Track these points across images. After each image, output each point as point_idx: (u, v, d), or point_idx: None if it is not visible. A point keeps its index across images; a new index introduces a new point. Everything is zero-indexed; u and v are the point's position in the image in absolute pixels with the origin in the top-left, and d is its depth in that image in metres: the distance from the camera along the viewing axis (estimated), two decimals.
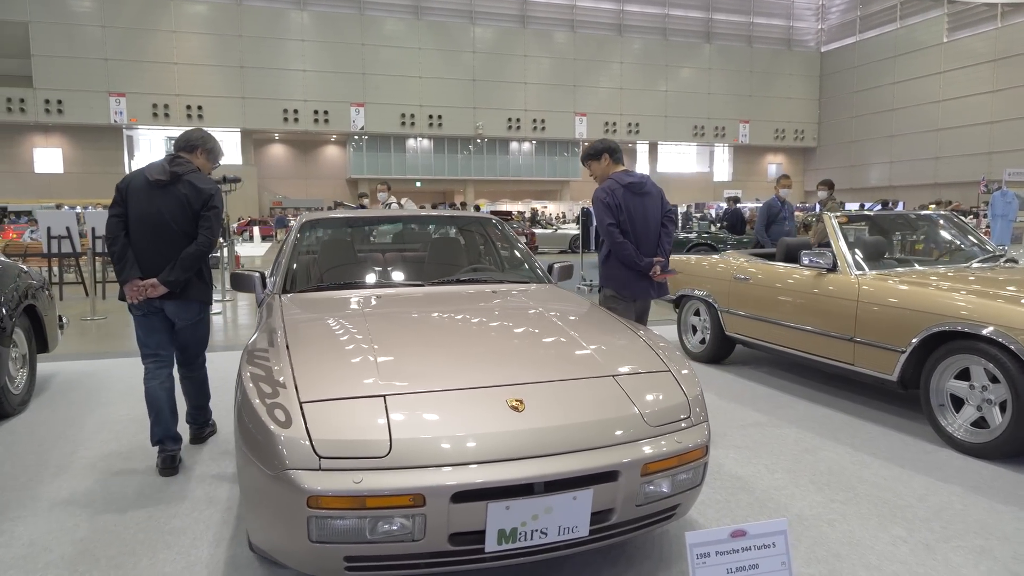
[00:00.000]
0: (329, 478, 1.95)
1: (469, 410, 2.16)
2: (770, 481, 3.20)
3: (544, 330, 2.79)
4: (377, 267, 3.79)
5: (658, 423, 2.27)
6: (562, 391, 2.31)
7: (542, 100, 36.18)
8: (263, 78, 33.19)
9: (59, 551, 2.58)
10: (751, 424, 4.05)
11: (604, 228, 4.11)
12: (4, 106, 30.76)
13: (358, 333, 2.65)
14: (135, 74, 31.72)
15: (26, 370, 4.53)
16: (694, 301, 5.69)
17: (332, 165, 38.18)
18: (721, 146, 41.52)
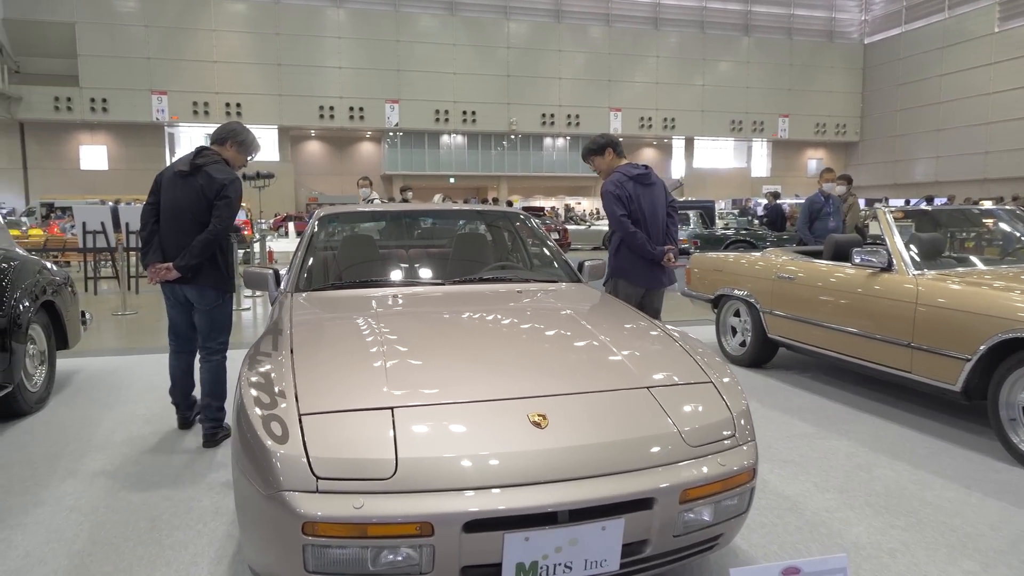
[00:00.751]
0: (327, 502, 1.74)
1: (486, 426, 1.94)
2: (821, 502, 2.91)
3: (572, 335, 2.55)
4: (396, 264, 3.58)
5: (699, 442, 2.02)
6: (590, 405, 2.07)
7: (576, 95, 35.76)
8: (300, 75, 33.43)
9: (54, 564, 2.43)
10: (797, 435, 3.76)
11: (616, 219, 4.08)
12: (52, 105, 31.43)
13: (369, 336, 2.44)
14: (176, 73, 32.19)
15: (45, 367, 4.44)
16: (734, 301, 5.39)
17: (367, 161, 38.26)
18: (759, 141, 40.59)
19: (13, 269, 4.04)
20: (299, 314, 2.76)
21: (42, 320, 4.40)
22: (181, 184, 3.52)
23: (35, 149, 33.08)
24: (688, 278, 5.97)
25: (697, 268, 5.85)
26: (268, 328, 2.73)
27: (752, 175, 41.31)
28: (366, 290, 3.11)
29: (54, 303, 4.48)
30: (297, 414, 1.93)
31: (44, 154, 33.33)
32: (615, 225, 4.06)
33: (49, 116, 31.56)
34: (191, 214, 3.50)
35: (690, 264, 5.98)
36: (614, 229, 4.12)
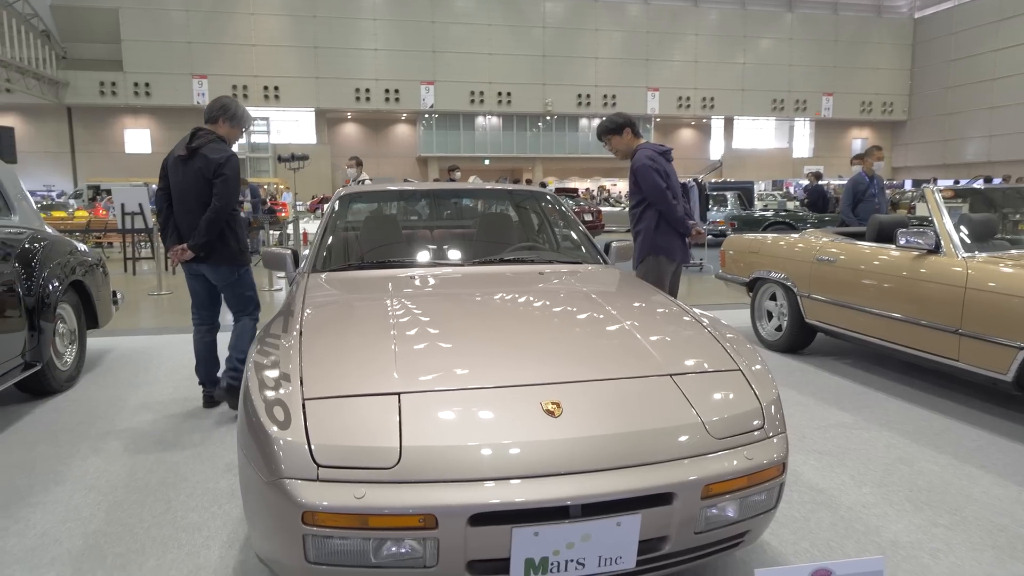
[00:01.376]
0: (328, 491, 1.67)
1: (496, 414, 1.84)
2: (857, 496, 2.76)
3: (593, 318, 2.43)
4: (416, 245, 3.49)
5: (724, 434, 1.89)
6: (608, 393, 1.95)
7: (613, 75, 35.18)
8: (336, 58, 33.55)
9: (69, 544, 2.43)
10: (834, 425, 3.58)
11: (660, 193, 4.03)
12: (97, 90, 32.09)
13: (382, 319, 2.36)
14: (216, 56, 32.57)
15: (75, 346, 4.49)
16: (770, 284, 5.19)
17: (402, 143, 38.33)
18: (802, 120, 39.49)
19: (42, 249, 4.06)
20: (313, 295, 2.70)
21: (72, 300, 4.44)
22: (183, 168, 3.63)
23: (82, 133, 33.89)
24: (723, 260, 5.78)
25: (732, 250, 5.66)
26: (281, 309, 2.67)
27: (794, 156, 40.27)
28: (384, 271, 3.03)
29: (83, 283, 4.51)
30: (301, 399, 1.85)
31: (91, 138, 34.14)
32: (659, 198, 4.01)
33: (95, 101, 32.25)
34: (196, 195, 3.61)
35: (725, 246, 5.78)
36: (651, 204, 4.05)
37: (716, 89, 36.35)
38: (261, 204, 13.50)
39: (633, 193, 4.15)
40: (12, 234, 3.85)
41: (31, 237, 4.04)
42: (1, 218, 3.84)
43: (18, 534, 2.51)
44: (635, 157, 4.09)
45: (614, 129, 4.16)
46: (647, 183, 4.01)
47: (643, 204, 4.11)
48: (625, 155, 4.23)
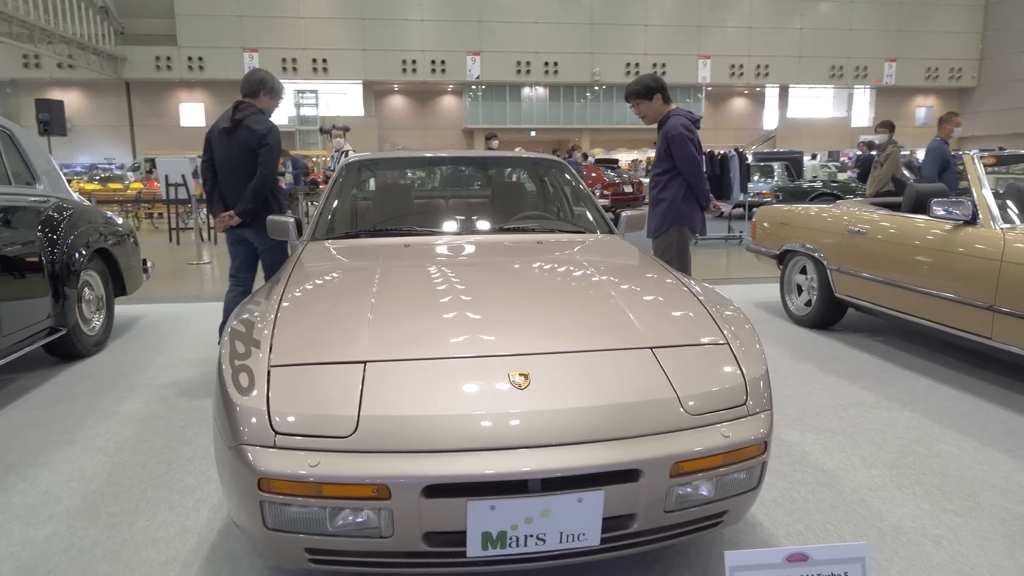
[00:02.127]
0: (282, 458, 1.65)
1: (462, 384, 1.79)
2: (865, 478, 2.63)
3: (582, 288, 2.35)
4: (418, 213, 3.45)
5: (701, 411, 1.81)
6: (582, 365, 1.88)
7: (663, 43, 34.24)
8: (383, 29, 33.53)
9: (68, 503, 2.50)
10: (854, 404, 3.43)
11: (695, 166, 3.93)
12: (153, 64, 32.85)
13: (365, 286, 2.33)
14: (266, 29, 32.92)
15: (103, 313, 4.62)
16: (800, 257, 4.98)
17: (449, 115, 38.27)
18: (862, 88, 37.83)
19: (67, 218, 4.17)
20: (304, 263, 2.69)
21: (99, 267, 4.56)
22: (227, 140, 3.90)
23: (140, 107, 34.84)
24: (753, 232, 5.58)
25: (764, 221, 5.45)
26: (273, 276, 2.67)
27: (852, 125, 38.68)
28: (381, 239, 3.00)
29: (110, 251, 4.62)
30: (267, 366, 1.84)
31: (148, 112, 35.07)
32: (692, 171, 3.91)
33: (151, 75, 33.03)
34: (241, 165, 3.88)
35: (756, 217, 5.58)
36: (679, 173, 3.94)
37: (771, 56, 35.05)
38: (304, 175, 13.66)
39: (661, 160, 4.02)
40: (36, 202, 3.96)
41: (56, 206, 4.14)
42: (26, 187, 3.94)
43: (23, 492, 2.60)
44: (668, 124, 3.95)
45: (644, 93, 4.01)
46: (682, 153, 3.88)
47: (670, 173, 3.98)
48: (653, 120, 4.10)
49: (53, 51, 26.55)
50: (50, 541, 2.24)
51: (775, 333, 4.80)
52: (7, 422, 3.31)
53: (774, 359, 4.18)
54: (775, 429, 3.10)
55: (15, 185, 3.85)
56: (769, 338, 4.66)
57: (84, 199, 4.84)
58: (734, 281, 7.02)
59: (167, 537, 2.26)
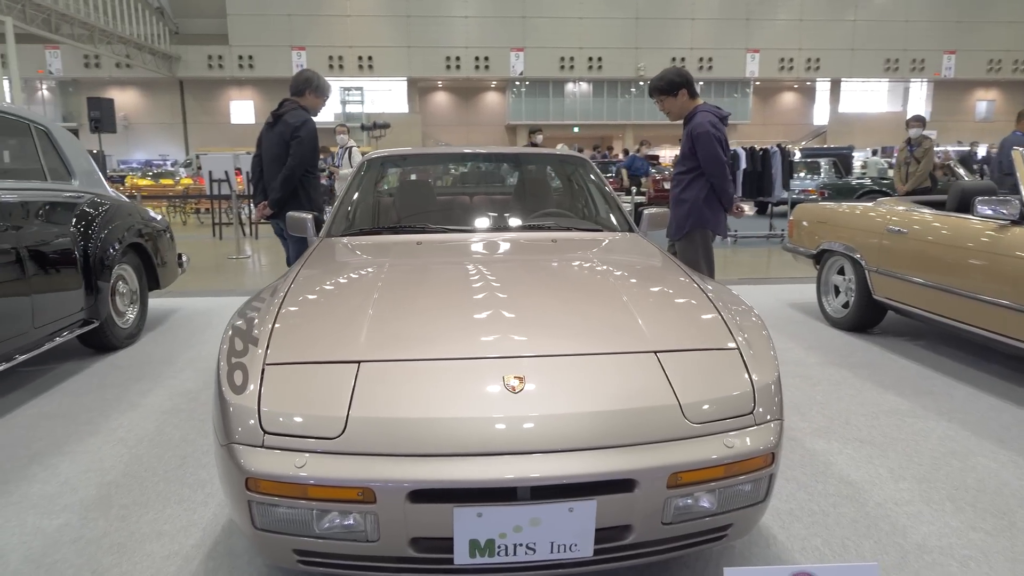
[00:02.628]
0: (270, 458, 1.64)
1: (455, 387, 1.75)
2: (891, 491, 2.50)
3: (590, 289, 2.28)
4: (435, 210, 3.41)
5: (704, 419, 1.73)
6: (580, 369, 1.82)
7: (710, 37, 33.60)
8: (427, 26, 33.74)
9: (83, 493, 2.55)
10: (886, 411, 3.28)
11: (720, 166, 3.80)
12: (206, 63, 33.70)
13: (370, 284, 2.30)
14: (313, 28, 33.44)
15: (137, 306, 4.73)
16: (837, 257, 4.80)
17: (492, 111, 38.30)
18: (919, 82, 36.48)
19: (101, 213, 4.27)
20: (314, 259, 2.68)
21: (133, 262, 4.66)
22: (268, 134, 4.18)
23: (192, 105, 35.78)
24: (790, 230, 5.40)
25: (801, 220, 5.27)
26: (284, 273, 2.67)
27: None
28: (394, 236, 2.98)
29: (144, 246, 4.72)
30: (262, 364, 1.83)
31: (200, 109, 35.99)
32: (717, 172, 3.77)
33: (203, 74, 33.88)
34: (277, 157, 4.11)
35: (794, 215, 5.40)
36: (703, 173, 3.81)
37: (822, 49, 34.06)
38: None
39: (685, 158, 3.90)
40: (70, 198, 4.06)
41: (91, 202, 4.24)
42: (62, 183, 4.05)
43: (43, 481, 2.66)
44: (695, 121, 3.82)
45: (668, 89, 3.86)
46: (708, 153, 3.75)
47: (694, 172, 3.86)
48: (678, 116, 3.97)
49: (111, 51, 27.47)
50: (61, 531, 2.28)
51: (809, 336, 4.63)
52: (38, 411, 3.40)
53: (805, 363, 4.03)
54: (799, 437, 2.98)
55: (51, 181, 3.95)
56: (803, 341, 4.51)
57: (122, 195, 4.95)
58: (771, 281, 6.82)
59: (172, 531, 2.28)
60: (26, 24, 20.93)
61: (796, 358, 4.14)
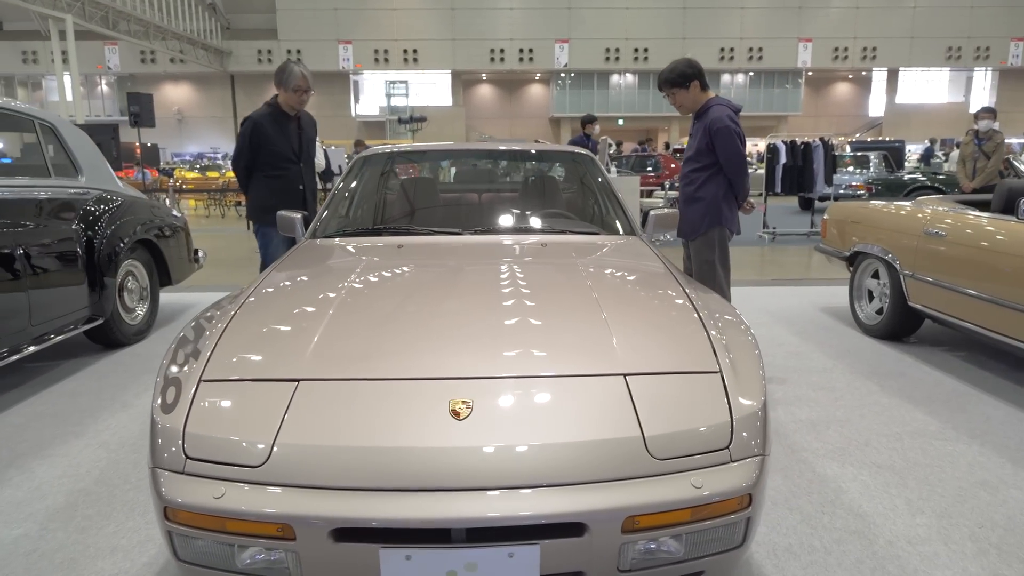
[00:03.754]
0: (189, 486, 1.51)
1: (395, 411, 1.59)
2: (906, 527, 2.25)
3: (568, 301, 2.10)
4: (423, 210, 3.26)
5: (670, 454, 1.53)
6: (536, 393, 1.64)
7: (760, 26, 32.61)
8: (472, 19, 33.67)
9: (51, 501, 2.48)
10: (912, 432, 3.00)
11: (741, 163, 3.58)
12: (255, 57, 34.34)
13: (333, 292, 2.17)
14: (360, 22, 33.70)
15: (147, 302, 4.72)
16: (871, 260, 4.48)
17: (535, 104, 38.03)
18: (983, 70, 34.78)
19: (109, 210, 4.25)
20: (285, 263, 2.56)
21: (143, 258, 4.64)
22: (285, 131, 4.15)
23: (243, 99, 36.47)
24: (824, 230, 5.09)
25: (835, 218, 4.95)
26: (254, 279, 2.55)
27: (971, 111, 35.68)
28: (376, 238, 2.84)
29: (154, 242, 4.70)
30: (198, 380, 1.71)
31: (250, 103, 36.57)
32: (737, 169, 3.56)
33: (253, 68, 34.50)
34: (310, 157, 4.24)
35: (828, 213, 5.08)
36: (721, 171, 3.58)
37: (879, 37, 32.72)
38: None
39: (702, 154, 3.64)
40: (75, 194, 4.04)
41: (97, 198, 4.23)
42: (66, 179, 4.03)
43: (16, 485, 2.61)
44: (712, 115, 3.57)
45: (680, 82, 3.61)
46: (729, 149, 3.51)
47: (710, 169, 3.62)
48: (691, 110, 3.72)
49: (166, 47, 28.19)
50: (17, 543, 2.22)
51: (838, 344, 4.34)
52: (32, 409, 3.39)
53: (830, 374, 3.76)
54: (810, 459, 2.74)
55: (55, 177, 3.94)
56: (830, 349, 4.22)
57: (135, 191, 4.94)
58: (806, 283, 6.47)
59: (128, 546, 2.19)
60: (85, 21, 21.60)
61: (820, 368, 3.86)
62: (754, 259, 8.18)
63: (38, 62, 32.85)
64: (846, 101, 36.20)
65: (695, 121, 3.73)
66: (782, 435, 2.97)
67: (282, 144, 3.98)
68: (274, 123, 3.97)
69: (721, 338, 1.87)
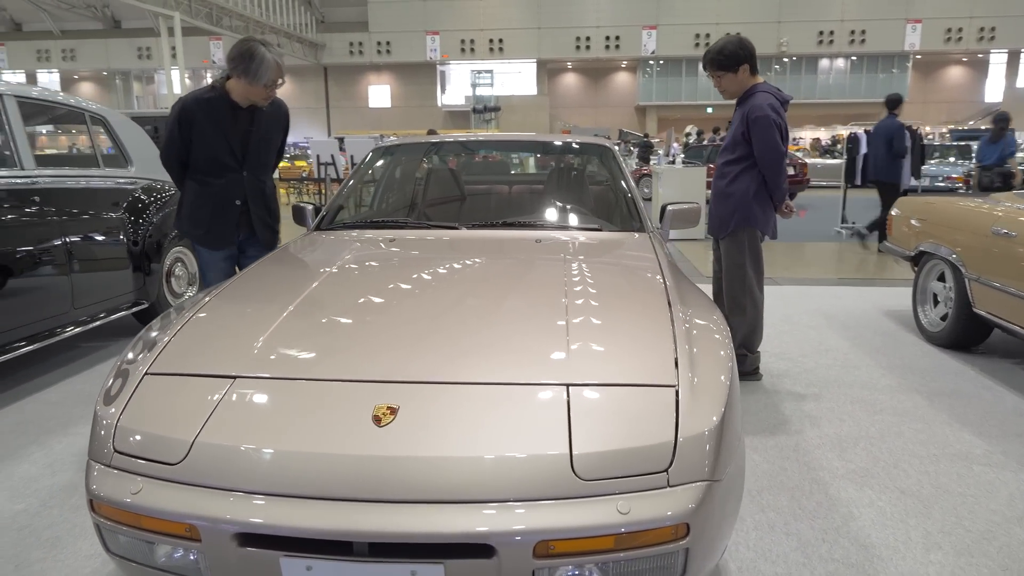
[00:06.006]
0: (112, 480, 1.52)
1: (315, 413, 1.54)
2: (915, 565, 2.02)
3: (538, 302, 1.99)
4: (425, 204, 3.18)
5: (598, 474, 1.41)
6: (467, 400, 1.55)
7: (864, 7, 30.68)
8: (558, 7, 33.43)
9: (61, 478, 2.60)
10: (952, 455, 2.70)
11: (777, 157, 3.30)
12: (347, 49, 35.39)
13: (302, 286, 2.15)
14: (447, 13, 34.09)
15: (196, 287, 4.90)
16: (936, 261, 4.09)
17: (621, 92, 37.36)
18: None
19: (158, 199, 4.43)
20: (274, 255, 2.57)
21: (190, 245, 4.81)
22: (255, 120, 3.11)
23: (335, 90, 37.70)
24: (889, 227, 4.69)
25: (902, 214, 4.56)
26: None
27: None
28: (370, 232, 2.79)
29: None
30: (144, 372, 1.72)
31: (341, 94, 37.83)
32: (773, 163, 3.29)
33: (345, 60, 35.58)
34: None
35: (896, 209, 4.68)
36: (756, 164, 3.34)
37: (999, 16, 30.12)
38: None
39: (737, 145, 3.40)
40: (123, 184, 4.23)
41: (146, 188, 4.41)
42: (115, 169, 4.23)
43: (33, 462, 2.74)
44: (752, 102, 3.32)
45: (729, 64, 3.33)
46: (765, 141, 3.25)
47: (745, 161, 3.38)
48: (735, 95, 3.45)
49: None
50: (16, 517, 2.33)
51: (894, 352, 3.99)
52: (70, 388, 3.57)
53: (875, 386, 3.45)
54: (826, 479, 2.51)
55: (104, 167, 4.13)
56: (883, 358, 3.88)
57: None
58: (874, 283, 6.01)
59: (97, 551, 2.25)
60: (192, 18, 22.87)
61: (865, 379, 3.55)
62: (824, 255, 7.70)
63: (151, 58, 35.03)
64: (958, 86, 33.61)
65: (737, 108, 3.49)
66: (801, 451, 2.74)
67: (217, 143, 2.92)
68: (212, 114, 2.90)
69: (691, 350, 1.71)
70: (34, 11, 34.33)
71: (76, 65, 36.66)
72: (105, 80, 38.29)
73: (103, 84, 38.48)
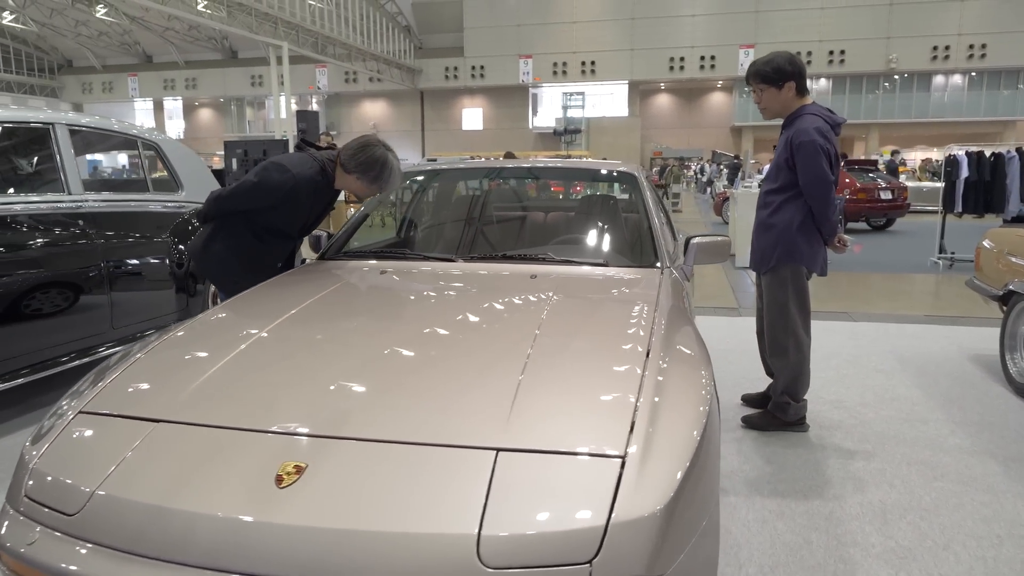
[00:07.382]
0: (15, 526, 1.46)
1: (220, 466, 1.42)
2: None
3: (499, 351, 1.81)
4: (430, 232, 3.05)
5: (507, 562, 1.21)
6: (378, 463, 1.39)
7: (984, 19, 28.58)
8: (652, 28, 33.17)
9: None
10: (1020, 538, 2.28)
11: (825, 187, 2.99)
12: (443, 74, 36.43)
13: (267, 322, 2.05)
14: (540, 36, 34.51)
15: None
16: None
17: (716, 113, 36.43)
18: None
19: None
20: (264, 285, 2.49)
21: None
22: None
23: (430, 113, 38.81)
24: (977, 261, 4.18)
25: (991, 247, 4.05)
26: None
27: None
28: (367, 262, 2.69)
29: None
30: (78, 410, 1.66)
31: (436, 117, 38.91)
32: (820, 192, 2.97)
33: (440, 84, 36.60)
34: None
35: (984, 240, 4.17)
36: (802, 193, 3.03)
37: None
38: None
39: (781, 172, 3.09)
40: (171, 208, 4.36)
41: (196, 211, 4.52)
42: (165, 193, 4.36)
43: None
44: (799, 125, 3.00)
45: (773, 78, 3.03)
46: (811, 169, 2.94)
47: (789, 191, 3.07)
48: (777, 115, 3.14)
49: (365, 67, 30.79)
50: None
51: (973, 405, 3.50)
52: None
53: (941, 445, 3.02)
54: (856, 559, 2.15)
55: (153, 192, 4.26)
56: (959, 411, 3.41)
57: None
58: (965, 321, 5.38)
59: None
60: (299, 47, 24.18)
61: (932, 436, 3.12)
62: (913, 288, 7.03)
63: (263, 85, 37.27)
64: None
65: (782, 131, 3.19)
66: (835, 521, 2.40)
67: (296, 218, 2.82)
68: (312, 195, 2.75)
69: (656, 410, 1.49)
70: (163, 44, 37.35)
71: (197, 93, 39.52)
72: (221, 106, 41.06)
73: (219, 110, 41.27)
